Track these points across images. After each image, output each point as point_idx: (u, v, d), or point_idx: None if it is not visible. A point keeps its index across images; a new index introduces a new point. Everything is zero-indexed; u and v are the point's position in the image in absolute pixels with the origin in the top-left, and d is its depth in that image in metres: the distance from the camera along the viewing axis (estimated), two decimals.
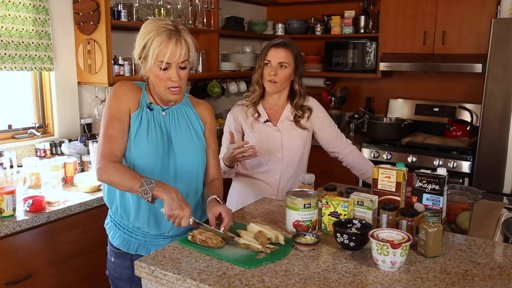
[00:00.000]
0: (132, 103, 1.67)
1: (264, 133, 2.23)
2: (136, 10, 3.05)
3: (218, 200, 1.68)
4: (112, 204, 1.76)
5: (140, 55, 1.64)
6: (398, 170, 1.70)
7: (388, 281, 1.31)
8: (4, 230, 1.96)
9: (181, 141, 1.72)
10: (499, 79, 3.13)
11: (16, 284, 2.05)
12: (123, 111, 1.65)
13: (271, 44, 2.18)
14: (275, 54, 2.15)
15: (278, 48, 2.15)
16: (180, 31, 1.61)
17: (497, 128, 3.17)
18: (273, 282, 1.29)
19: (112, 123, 1.63)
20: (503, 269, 1.40)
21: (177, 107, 1.76)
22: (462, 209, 1.75)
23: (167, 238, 1.75)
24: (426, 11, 3.68)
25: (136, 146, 1.65)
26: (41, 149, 2.72)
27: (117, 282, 1.80)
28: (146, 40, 1.59)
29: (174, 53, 1.58)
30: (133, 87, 1.71)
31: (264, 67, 2.17)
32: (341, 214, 1.62)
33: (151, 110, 1.70)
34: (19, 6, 2.58)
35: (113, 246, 1.77)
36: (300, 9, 4.52)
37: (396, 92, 4.22)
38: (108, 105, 1.66)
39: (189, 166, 1.74)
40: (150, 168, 1.65)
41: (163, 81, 1.62)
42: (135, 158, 1.65)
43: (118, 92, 1.68)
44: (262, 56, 2.19)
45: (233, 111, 2.29)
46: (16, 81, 2.80)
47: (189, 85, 3.90)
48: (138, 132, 1.65)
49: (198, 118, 1.81)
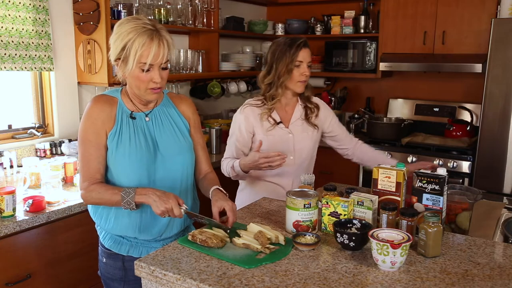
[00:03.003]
0: (107, 124, 1.63)
1: (277, 136, 2.19)
2: (136, 10, 3.05)
3: (221, 189, 1.70)
4: (99, 220, 1.74)
5: (118, 56, 1.58)
6: (398, 170, 1.70)
7: (388, 281, 1.31)
8: (4, 230, 1.96)
9: (167, 144, 1.71)
10: (499, 79, 3.13)
11: (16, 284, 2.05)
12: (99, 135, 1.62)
13: (300, 45, 2.11)
14: (305, 54, 2.12)
15: (306, 48, 2.13)
16: (159, 30, 1.57)
17: (497, 128, 3.18)
18: (273, 282, 1.29)
19: (89, 148, 1.62)
20: (503, 269, 1.40)
21: (159, 109, 1.74)
22: (462, 209, 1.75)
23: (158, 241, 1.75)
24: (426, 11, 3.68)
25: (118, 161, 1.64)
26: (41, 149, 2.72)
27: (109, 282, 1.79)
28: (126, 41, 1.54)
29: (157, 54, 1.54)
30: (107, 104, 1.65)
31: (294, 68, 2.11)
32: (341, 214, 1.62)
33: (133, 119, 1.67)
34: (19, 6, 2.58)
35: (104, 247, 1.76)
36: (300, 9, 4.52)
37: (396, 92, 4.22)
38: (83, 128, 1.63)
39: (178, 168, 1.73)
40: (136, 178, 1.64)
41: (144, 83, 1.59)
42: (120, 171, 1.65)
43: (92, 114, 1.63)
44: (289, 57, 2.09)
45: (244, 111, 2.21)
46: (16, 81, 2.80)
47: (189, 85, 3.90)
48: (119, 148, 1.63)
49: (181, 116, 1.78)
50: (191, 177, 1.80)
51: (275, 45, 2.17)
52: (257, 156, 1.96)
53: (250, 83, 4.28)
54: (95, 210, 1.74)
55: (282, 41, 2.16)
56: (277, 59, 2.13)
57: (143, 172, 1.66)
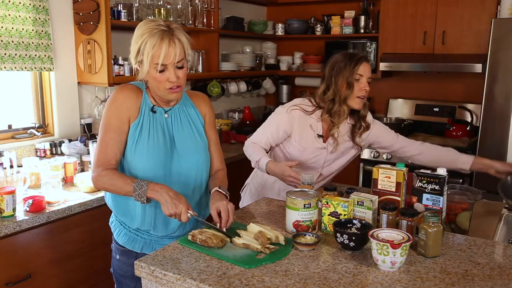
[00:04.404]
0: (131, 111, 1.65)
1: (311, 149, 2.14)
2: (136, 10, 3.05)
3: (220, 191, 1.70)
4: (116, 209, 1.76)
5: (136, 59, 1.62)
6: (398, 170, 1.70)
7: (388, 281, 1.31)
8: (4, 230, 1.96)
9: (183, 142, 1.73)
10: (499, 79, 3.13)
11: (16, 284, 2.04)
12: (122, 121, 1.64)
13: (361, 59, 2.05)
14: (366, 68, 2.05)
15: (367, 63, 2.07)
16: (173, 30, 1.58)
17: (497, 128, 3.17)
18: (273, 282, 1.29)
19: (109, 133, 1.63)
20: (503, 269, 1.40)
21: (178, 107, 1.76)
22: (462, 209, 1.75)
23: (172, 238, 1.76)
24: (426, 11, 3.68)
25: (136, 154, 1.65)
26: (41, 149, 2.72)
27: (121, 279, 1.80)
28: (140, 43, 1.57)
29: (168, 53, 1.55)
30: (133, 92, 1.67)
31: (355, 82, 2.04)
32: (341, 214, 1.62)
33: (154, 113, 1.69)
34: (19, 6, 2.58)
35: (118, 244, 1.77)
36: (300, 9, 4.52)
37: (396, 92, 4.22)
38: (107, 112, 1.65)
39: (193, 166, 1.74)
40: (152, 173, 1.65)
41: (161, 83, 1.61)
42: (137, 164, 1.66)
43: (117, 99, 1.65)
44: (350, 71, 2.03)
45: (291, 113, 2.12)
46: (16, 81, 2.80)
47: (189, 85, 3.90)
48: (139, 141, 1.65)
49: (197, 112, 1.80)
50: (205, 175, 1.80)
51: (334, 60, 2.10)
52: (287, 172, 1.95)
53: (250, 83, 4.28)
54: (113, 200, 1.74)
55: (341, 56, 2.09)
56: (336, 73, 2.06)
57: (159, 167, 1.67)
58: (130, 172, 1.67)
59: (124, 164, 1.69)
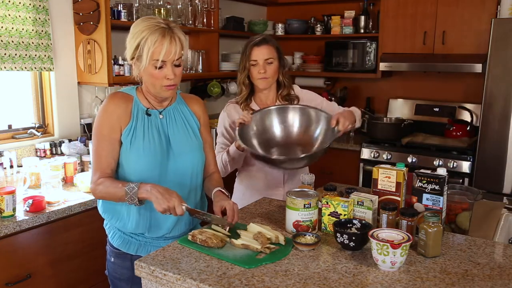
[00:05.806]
0: (123, 120, 1.66)
1: None
2: (136, 10, 3.05)
3: (223, 191, 1.72)
4: (109, 217, 1.75)
5: (133, 55, 1.63)
6: (398, 170, 1.70)
7: (388, 281, 1.31)
8: (4, 230, 1.96)
9: (179, 142, 1.73)
10: (499, 79, 3.13)
11: (16, 284, 2.05)
12: (113, 130, 1.64)
13: (253, 44, 2.15)
14: (259, 52, 2.14)
15: (261, 46, 2.15)
16: (172, 28, 1.61)
17: (497, 128, 3.18)
18: (273, 282, 1.29)
19: (102, 143, 1.64)
20: (503, 269, 1.40)
21: (173, 107, 1.77)
22: (462, 209, 1.75)
23: (167, 240, 1.76)
24: (426, 11, 3.68)
25: (132, 156, 1.65)
26: (41, 149, 2.72)
27: (116, 282, 1.79)
28: (139, 39, 1.58)
29: (169, 51, 1.58)
30: (123, 100, 1.68)
31: (251, 67, 2.16)
32: (341, 214, 1.62)
33: (149, 116, 1.70)
34: (19, 6, 2.58)
35: (112, 246, 1.77)
36: (300, 9, 4.52)
37: (396, 92, 4.22)
38: (98, 122, 1.66)
39: (188, 166, 1.74)
40: (148, 173, 1.66)
41: (158, 80, 1.62)
42: (133, 166, 1.66)
43: (108, 108, 1.66)
44: (245, 57, 2.16)
45: (227, 109, 2.28)
46: (16, 81, 2.80)
47: (189, 85, 3.90)
48: (134, 142, 1.65)
49: (193, 114, 1.82)
50: (200, 175, 1.81)
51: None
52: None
53: None
54: (105, 207, 1.74)
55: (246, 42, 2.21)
56: (240, 60, 2.21)
57: (156, 167, 1.67)
58: (126, 178, 1.67)
59: (120, 172, 1.69)
